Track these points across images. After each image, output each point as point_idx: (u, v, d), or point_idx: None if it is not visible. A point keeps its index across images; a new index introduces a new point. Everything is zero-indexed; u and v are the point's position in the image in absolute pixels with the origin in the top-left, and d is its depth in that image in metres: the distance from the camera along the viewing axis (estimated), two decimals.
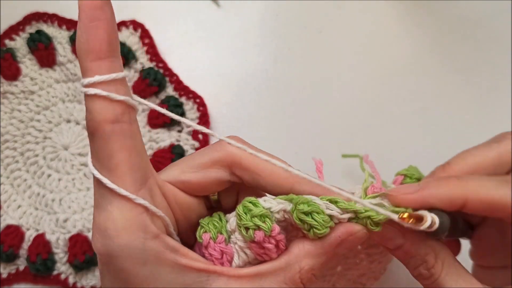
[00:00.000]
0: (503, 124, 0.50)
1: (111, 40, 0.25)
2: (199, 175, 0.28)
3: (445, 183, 0.28)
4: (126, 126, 0.26)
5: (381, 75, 0.51)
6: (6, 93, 0.50)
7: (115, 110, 0.25)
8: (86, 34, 0.24)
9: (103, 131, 0.25)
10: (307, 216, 0.26)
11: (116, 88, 0.25)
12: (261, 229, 0.26)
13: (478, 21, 0.52)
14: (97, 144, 0.25)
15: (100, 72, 0.25)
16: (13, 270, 0.47)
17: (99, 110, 0.25)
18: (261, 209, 0.27)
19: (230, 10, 0.53)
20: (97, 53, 0.25)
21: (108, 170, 0.25)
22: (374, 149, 0.49)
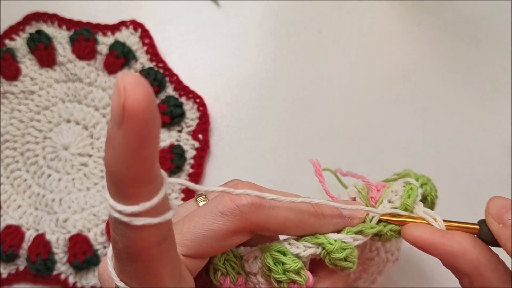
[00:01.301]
0: (503, 124, 0.50)
1: (157, 162, 0.20)
2: (219, 247, 0.26)
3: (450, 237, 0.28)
4: (170, 241, 0.22)
5: (381, 75, 0.51)
6: (6, 93, 0.50)
7: (163, 231, 0.21)
8: (134, 158, 0.18)
9: (148, 256, 0.22)
10: (342, 262, 0.26)
11: (158, 210, 0.21)
12: (296, 283, 0.26)
13: (478, 21, 0.52)
14: (136, 268, 0.22)
15: (145, 199, 0.20)
16: (13, 270, 0.47)
17: (145, 238, 0.21)
18: (295, 262, 0.26)
19: (230, 10, 0.53)
20: (144, 180, 0.19)
21: (151, 285, 0.23)
22: (374, 149, 0.49)
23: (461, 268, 0.27)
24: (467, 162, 0.48)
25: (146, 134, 0.18)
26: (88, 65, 0.50)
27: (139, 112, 0.17)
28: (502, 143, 0.49)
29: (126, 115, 0.17)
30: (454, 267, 0.28)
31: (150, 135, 0.18)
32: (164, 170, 0.46)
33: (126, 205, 0.19)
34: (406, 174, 0.32)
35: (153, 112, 0.18)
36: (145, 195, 0.20)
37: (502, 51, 0.51)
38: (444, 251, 0.27)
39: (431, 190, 0.31)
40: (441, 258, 0.28)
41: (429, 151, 0.49)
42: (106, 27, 0.51)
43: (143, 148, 0.18)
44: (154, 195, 0.20)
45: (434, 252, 0.28)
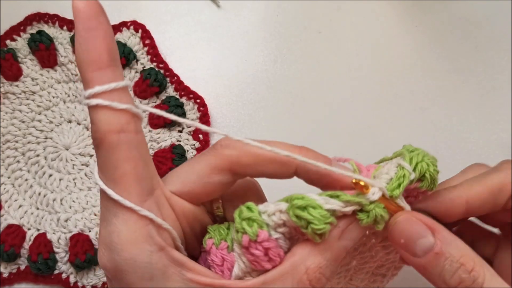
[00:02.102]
0: (503, 124, 0.50)
1: (110, 49, 0.24)
2: (200, 183, 0.28)
3: (444, 190, 0.29)
4: (132, 135, 0.25)
5: (381, 75, 0.51)
6: (7, 93, 0.50)
7: (120, 120, 0.24)
8: (85, 44, 0.24)
9: (108, 142, 0.24)
10: (303, 211, 0.24)
11: (119, 98, 0.24)
12: (246, 233, 0.25)
13: (478, 21, 0.52)
14: (102, 155, 0.25)
15: (102, 82, 0.24)
16: (14, 270, 0.47)
17: (103, 121, 0.24)
18: (251, 213, 0.25)
19: (230, 10, 0.53)
20: (97, 63, 0.24)
21: (113, 181, 0.25)
22: (373, 148, 0.49)
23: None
24: (466, 162, 0.48)
25: (91, 27, 0.24)
26: None
27: (82, 12, 0.24)
28: (501, 143, 0.49)
29: (74, 16, 0.24)
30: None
31: (96, 29, 0.24)
32: (164, 170, 0.47)
33: (86, 89, 0.24)
34: (401, 153, 0.30)
35: (94, 11, 0.25)
36: (99, 79, 0.24)
37: (502, 52, 0.51)
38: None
39: (429, 166, 0.28)
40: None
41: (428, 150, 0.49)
42: None
43: (92, 38, 0.24)
44: (109, 81, 0.24)
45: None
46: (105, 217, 0.25)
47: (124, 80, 0.25)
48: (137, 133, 0.25)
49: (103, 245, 0.25)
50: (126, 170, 0.24)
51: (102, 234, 0.25)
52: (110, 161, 0.24)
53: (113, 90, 0.24)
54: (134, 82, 0.50)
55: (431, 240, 0.25)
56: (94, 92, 0.24)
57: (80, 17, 0.24)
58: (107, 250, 0.25)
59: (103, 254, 0.25)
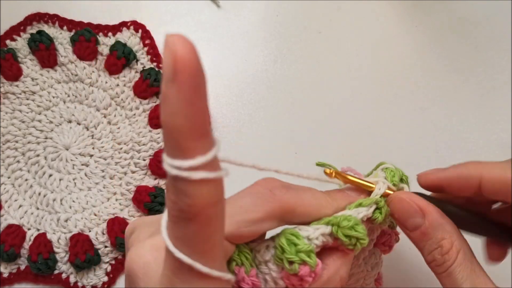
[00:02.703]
0: (503, 124, 0.50)
1: (209, 116, 0.23)
2: (252, 229, 0.26)
3: (462, 165, 0.30)
4: (223, 205, 0.22)
5: (380, 75, 0.51)
6: (7, 93, 0.50)
7: (220, 191, 0.21)
8: (189, 108, 0.19)
9: (206, 216, 0.21)
10: (352, 231, 0.27)
11: (213, 165, 0.21)
12: (307, 265, 0.26)
13: (478, 21, 0.52)
14: (193, 229, 0.21)
15: (203, 152, 0.20)
16: (14, 270, 0.47)
17: (204, 194, 0.20)
18: (307, 244, 0.26)
19: (230, 10, 0.53)
20: (201, 131, 0.20)
21: (201, 253, 0.22)
22: (373, 148, 0.49)
23: None
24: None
25: (198, 85, 0.19)
26: (89, 66, 0.50)
27: (190, 65, 0.19)
28: (501, 143, 0.49)
29: (178, 69, 0.18)
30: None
31: (201, 86, 0.19)
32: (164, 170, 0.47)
33: (184, 160, 0.20)
34: (379, 164, 0.34)
35: (200, 65, 0.19)
36: (201, 149, 0.20)
37: (501, 52, 0.51)
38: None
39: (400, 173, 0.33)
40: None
41: (428, 151, 0.49)
42: (107, 27, 0.51)
43: (197, 98, 0.19)
44: (209, 149, 0.20)
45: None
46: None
47: (216, 142, 0.21)
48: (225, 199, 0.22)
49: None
50: (216, 241, 0.22)
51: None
52: (202, 235, 0.21)
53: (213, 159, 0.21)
54: (134, 82, 0.50)
55: (420, 221, 0.29)
56: (196, 165, 0.20)
57: (185, 71, 0.19)
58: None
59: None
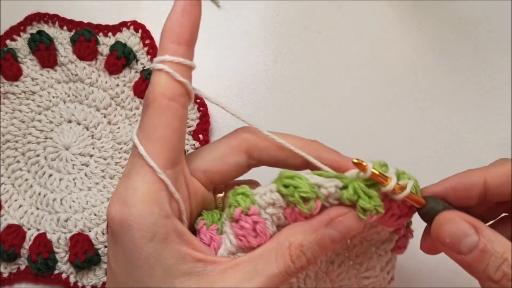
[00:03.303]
0: (503, 124, 0.50)
1: (193, 33, 0.28)
2: (218, 163, 0.30)
3: (463, 173, 0.30)
4: (180, 107, 0.27)
5: (380, 75, 0.51)
6: (7, 93, 0.50)
7: (175, 89, 0.27)
8: (174, 20, 0.28)
9: (158, 104, 0.26)
10: (291, 179, 0.27)
11: (182, 72, 0.27)
12: (239, 206, 0.27)
13: (478, 21, 0.52)
14: (147, 115, 0.27)
15: (173, 54, 0.27)
16: (14, 270, 0.47)
17: (161, 84, 0.27)
18: (244, 190, 0.28)
19: (230, 10, 0.53)
20: (177, 37, 0.28)
21: (149, 141, 0.26)
22: (373, 148, 0.49)
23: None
24: (466, 162, 0.49)
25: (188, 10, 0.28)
26: (89, 66, 0.50)
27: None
28: (501, 143, 0.49)
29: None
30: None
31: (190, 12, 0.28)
32: None
33: (158, 55, 0.27)
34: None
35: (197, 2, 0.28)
36: (174, 51, 0.27)
37: (501, 52, 0.51)
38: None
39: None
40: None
41: (428, 151, 0.49)
42: (107, 27, 0.51)
43: (184, 17, 0.28)
44: (181, 55, 0.27)
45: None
46: (128, 173, 0.27)
47: (192, 61, 0.28)
48: (183, 108, 0.28)
49: (116, 198, 0.26)
50: (163, 134, 0.26)
51: (119, 187, 0.27)
52: (153, 122, 0.26)
53: (180, 64, 0.27)
54: (134, 82, 0.50)
55: (476, 238, 0.26)
56: (163, 59, 0.27)
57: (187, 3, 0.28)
58: (119, 203, 0.26)
59: (114, 206, 0.26)
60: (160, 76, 0.27)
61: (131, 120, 0.49)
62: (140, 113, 0.50)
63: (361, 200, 0.27)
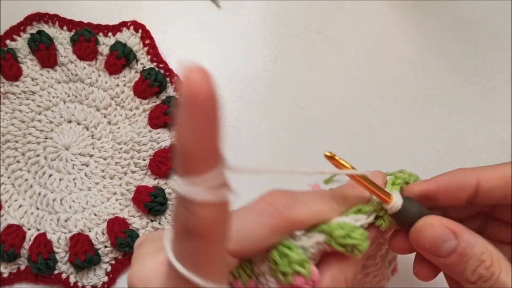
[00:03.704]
0: (503, 124, 0.50)
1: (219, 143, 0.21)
2: (256, 246, 0.27)
3: (455, 172, 0.30)
4: (227, 226, 0.23)
5: (380, 75, 0.51)
6: (7, 93, 0.50)
7: (224, 211, 0.22)
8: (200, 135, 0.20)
9: (209, 234, 0.22)
10: (346, 239, 0.26)
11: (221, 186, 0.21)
12: (300, 275, 0.26)
13: (478, 21, 0.52)
14: (195, 245, 0.22)
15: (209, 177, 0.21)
16: (14, 270, 0.47)
17: (209, 216, 0.21)
18: (299, 254, 0.26)
19: (230, 10, 0.53)
20: (209, 158, 0.20)
21: (200, 267, 0.22)
22: (373, 148, 0.49)
23: None
24: (466, 162, 0.49)
25: (210, 115, 0.20)
26: (89, 66, 0.50)
27: (204, 97, 0.20)
28: (501, 143, 0.49)
29: (192, 101, 0.20)
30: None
31: (214, 116, 0.20)
32: (164, 170, 0.47)
33: (192, 182, 0.20)
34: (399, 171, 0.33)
35: (215, 96, 0.20)
36: (209, 173, 0.20)
37: (501, 52, 0.51)
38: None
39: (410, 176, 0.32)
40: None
41: (428, 151, 0.49)
42: (107, 27, 0.51)
43: (209, 127, 0.20)
44: (216, 173, 0.21)
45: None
46: None
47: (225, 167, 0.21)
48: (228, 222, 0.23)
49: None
50: (216, 256, 0.22)
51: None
52: (204, 250, 0.22)
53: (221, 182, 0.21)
54: (134, 82, 0.50)
55: (455, 243, 0.27)
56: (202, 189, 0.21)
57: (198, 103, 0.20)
58: None
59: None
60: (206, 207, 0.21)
61: (131, 120, 0.49)
62: (139, 113, 0.50)
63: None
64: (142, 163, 0.48)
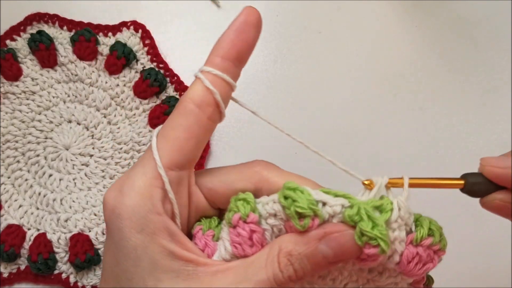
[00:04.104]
0: (503, 124, 0.50)
1: (241, 51, 0.28)
2: (224, 185, 0.29)
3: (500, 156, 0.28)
4: (204, 116, 0.27)
5: (380, 75, 0.51)
6: (7, 93, 0.50)
7: (203, 97, 0.27)
8: (226, 36, 0.28)
9: (184, 107, 0.27)
10: (291, 192, 0.25)
11: (217, 85, 0.27)
12: (239, 212, 0.26)
13: (478, 21, 0.52)
14: (171, 116, 0.27)
15: (215, 67, 0.28)
16: (14, 270, 0.47)
17: (192, 90, 0.27)
18: (247, 196, 0.27)
19: (230, 10, 0.53)
20: (224, 52, 0.28)
21: (163, 138, 0.27)
22: (373, 148, 0.49)
23: None
24: (466, 162, 0.49)
25: (244, 30, 0.28)
26: (89, 66, 0.50)
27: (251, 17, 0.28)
28: (501, 143, 0.49)
29: (245, 13, 0.28)
30: None
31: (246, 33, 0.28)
32: None
33: (205, 66, 0.28)
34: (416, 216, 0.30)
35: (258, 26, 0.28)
36: (216, 64, 0.28)
37: (501, 52, 0.51)
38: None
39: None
40: None
41: (428, 151, 0.49)
42: (107, 27, 0.51)
43: (237, 36, 0.28)
44: (222, 70, 0.28)
45: None
46: (135, 163, 0.28)
47: (235, 82, 0.29)
48: (209, 120, 0.28)
49: (115, 185, 0.27)
50: (178, 135, 0.27)
51: (123, 175, 0.27)
52: (173, 122, 0.27)
53: (217, 77, 0.27)
54: (134, 82, 0.50)
55: None
56: (203, 69, 0.28)
57: (244, 19, 0.28)
58: (116, 190, 0.27)
59: (110, 192, 0.27)
60: (195, 84, 0.28)
61: (131, 120, 0.49)
62: (139, 113, 0.50)
63: (361, 222, 0.24)
64: None
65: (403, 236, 0.26)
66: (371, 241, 0.24)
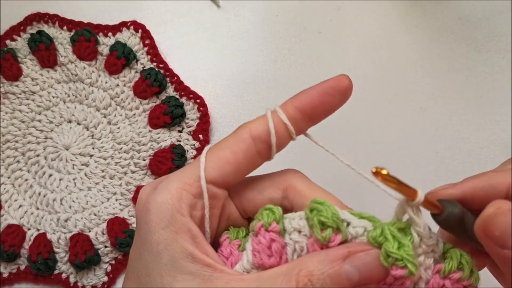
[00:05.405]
0: (503, 124, 0.50)
1: (316, 113, 0.31)
2: (254, 192, 0.30)
3: (484, 174, 0.27)
4: (253, 149, 0.28)
5: (380, 75, 0.51)
6: (7, 93, 0.50)
7: (262, 134, 0.28)
8: (309, 92, 0.31)
9: (240, 133, 0.28)
10: (319, 205, 0.25)
11: (280, 133, 0.29)
12: (261, 220, 0.26)
13: (478, 21, 0.52)
14: (227, 136, 0.28)
15: (285, 112, 0.30)
16: (14, 270, 0.47)
17: (256, 122, 0.29)
18: (274, 208, 0.27)
19: (230, 11, 0.53)
20: (301, 105, 0.30)
21: (212, 154, 0.28)
22: (373, 148, 0.49)
23: None
24: (466, 162, 0.49)
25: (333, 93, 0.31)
26: (89, 66, 0.50)
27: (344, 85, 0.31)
28: (501, 143, 0.49)
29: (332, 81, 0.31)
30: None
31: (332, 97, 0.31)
32: (164, 169, 0.47)
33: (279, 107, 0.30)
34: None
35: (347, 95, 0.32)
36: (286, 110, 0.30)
37: (501, 52, 0.51)
38: None
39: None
40: None
41: (428, 151, 0.49)
42: (107, 27, 0.51)
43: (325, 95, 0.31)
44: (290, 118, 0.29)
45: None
46: (181, 168, 0.29)
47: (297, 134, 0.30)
48: (257, 154, 0.28)
49: (153, 182, 0.28)
50: (226, 156, 0.28)
51: (168, 176, 0.28)
52: (226, 143, 0.28)
53: (284, 124, 0.29)
54: (134, 82, 0.50)
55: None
56: (275, 110, 0.30)
57: (333, 82, 0.31)
58: (151, 187, 0.28)
59: (146, 188, 0.28)
60: (261, 118, 0.29)
61: (131, 120, 0.49)
62: (139, 113, 0.50)
63: (386, 242, 0.23)
64: (142, 163, 0.48)
65: (429, 263, 0.24)
66: (398, 262, 0.23)
